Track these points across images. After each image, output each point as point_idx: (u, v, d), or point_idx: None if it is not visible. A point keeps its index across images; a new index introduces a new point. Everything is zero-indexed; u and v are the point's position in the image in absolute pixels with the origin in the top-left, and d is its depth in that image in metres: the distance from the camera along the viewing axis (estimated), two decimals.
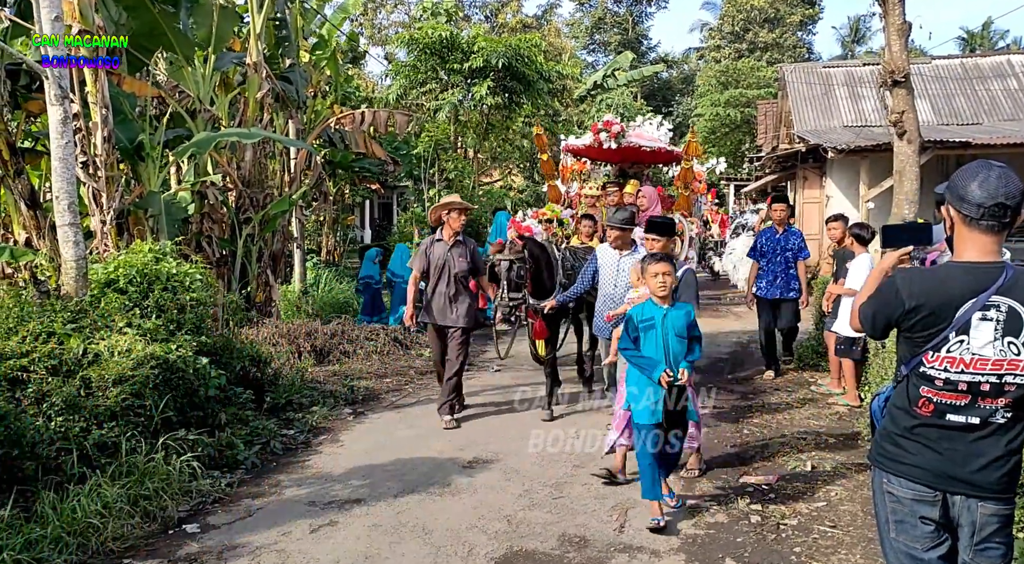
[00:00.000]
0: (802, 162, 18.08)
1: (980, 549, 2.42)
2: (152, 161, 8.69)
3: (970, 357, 2.36)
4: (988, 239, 2.38)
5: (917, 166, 9.01)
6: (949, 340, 2.37)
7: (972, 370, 2.37)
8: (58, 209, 5.97)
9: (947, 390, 2.40)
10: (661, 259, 4.65)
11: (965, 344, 2.36)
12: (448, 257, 6.70)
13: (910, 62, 9.03)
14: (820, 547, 4.36)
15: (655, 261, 4.61)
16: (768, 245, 8.49)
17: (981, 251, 2.39)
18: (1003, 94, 17.79)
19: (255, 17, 10.30)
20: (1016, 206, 2.34)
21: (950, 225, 2.48)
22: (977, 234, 2.39)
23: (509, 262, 6.33)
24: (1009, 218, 2.36)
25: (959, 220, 2.42)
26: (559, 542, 4.39)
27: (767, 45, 39.81)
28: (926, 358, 2.41)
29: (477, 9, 37.17)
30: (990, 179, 2.34)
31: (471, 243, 6.87)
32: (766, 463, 5.74)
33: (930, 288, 2.40)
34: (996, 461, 2.39)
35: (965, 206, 2.37)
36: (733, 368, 9.12)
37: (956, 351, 2.37)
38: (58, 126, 5.90)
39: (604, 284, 6.10)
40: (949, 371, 2.39)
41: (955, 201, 2.41)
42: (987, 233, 2.37)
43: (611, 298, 5.97)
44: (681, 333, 4.53)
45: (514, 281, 6.32)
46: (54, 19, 5.88)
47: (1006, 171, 2.37)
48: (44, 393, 4.86)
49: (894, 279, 2.50)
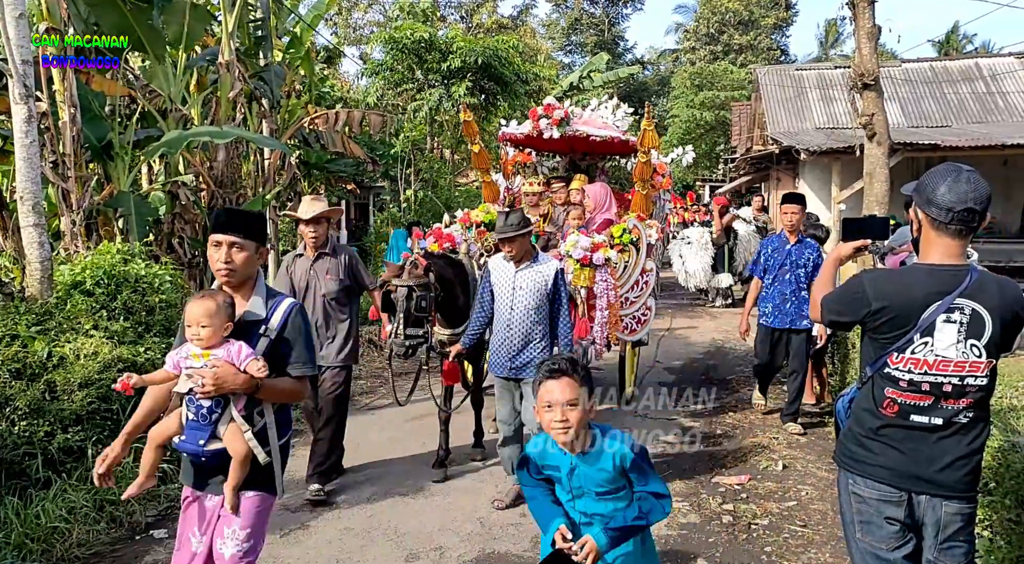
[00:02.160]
0: (775, 163, 18.28)
1: (945, 548, 2.45)
2: (122, 161, 8.56)
3: (933, 358, 2.39)
4: (955, 243, 2.40)
5: (887, 168, 9.13)
6: (914, 342, 2.40)
7: (935, 371, 2.40)
8: (22, 210, 5.86)
9: (911, 391, 2.43)
10: (561, 373, 2.55)
11: (929, 346, 2.39)
12: (311, 276, 5.19)
13: (880, 65, 9.14)
14: (791, 546, 4.40)
15: (550, 376, 2.56)
16: (774, 257, 6.61)
17: (947, 254, 2.42)
18: (971, 97, 18.07)
19: (227, 16, 10.19)
20: (983, 210, 2.37)
21: (917, 227, 2.50)
22: (944, 238, 2.41)
23: (408, 289, 4.87)
24: (976, 222, 2.38)
25: (927, 223, 2.44)
26: (532, 544, 4.39)
27: (741, 47, 40.15)
28: (891, 359, 2.44)
29: (453, 9, 37.10)
30: (959, 183, 2.36)
31: (345, 253, 5.32)
32: (739, 463, 5.78)
33: (896, 290, 2.42)
34: (959, 460, 2.42)
35: (933, 210, 2.39)
36: (707, 369, 9.17)
37: (920, 353, 2.40)
38: (22, 125, 5.79)
39: (499, 307, 4.82)
40: (913, 372, 2.41)
41: (923, 204, 2.43)
42: (954, 237, 2.40)
43: (508, 325, 4.74)
44: (604, 489, 2.60)
45: (413, 314, 4.87)
46: (18, 16, 5.77)
47: (974, 175, 2.39)
48: (7, 397, 4.75)
49: (861, 279, 2.52)
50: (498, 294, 4.82)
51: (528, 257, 4.76)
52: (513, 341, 4.71)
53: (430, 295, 4.96)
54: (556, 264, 4.79)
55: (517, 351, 4.70)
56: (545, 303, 4.72)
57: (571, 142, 7.68)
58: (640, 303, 6.57)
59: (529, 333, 4.70)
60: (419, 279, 4.91)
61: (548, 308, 4.74)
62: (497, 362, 4.80)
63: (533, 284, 4.69)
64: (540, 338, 4.72)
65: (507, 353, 4.73)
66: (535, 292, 4.69)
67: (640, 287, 6.54)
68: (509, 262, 4.77)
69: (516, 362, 4.71)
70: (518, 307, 4.70)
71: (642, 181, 6.63)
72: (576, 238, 5.92)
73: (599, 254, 5.90)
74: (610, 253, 5.99)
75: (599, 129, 7.06)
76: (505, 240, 4.70)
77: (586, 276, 5.90)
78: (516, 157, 8.18)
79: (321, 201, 5.34)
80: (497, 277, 4.85)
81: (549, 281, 4.70)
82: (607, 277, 5.99)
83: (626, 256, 6.39)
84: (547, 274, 4.71)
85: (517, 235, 4.67)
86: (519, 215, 4.72)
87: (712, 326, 12.04)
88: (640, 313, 6.60)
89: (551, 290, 4.71)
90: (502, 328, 4.76)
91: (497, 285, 4.83)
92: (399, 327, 4.86)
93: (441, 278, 5.18)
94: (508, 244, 4.71)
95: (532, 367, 4.31)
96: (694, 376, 8.72)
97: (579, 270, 5.85)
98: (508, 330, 4.72)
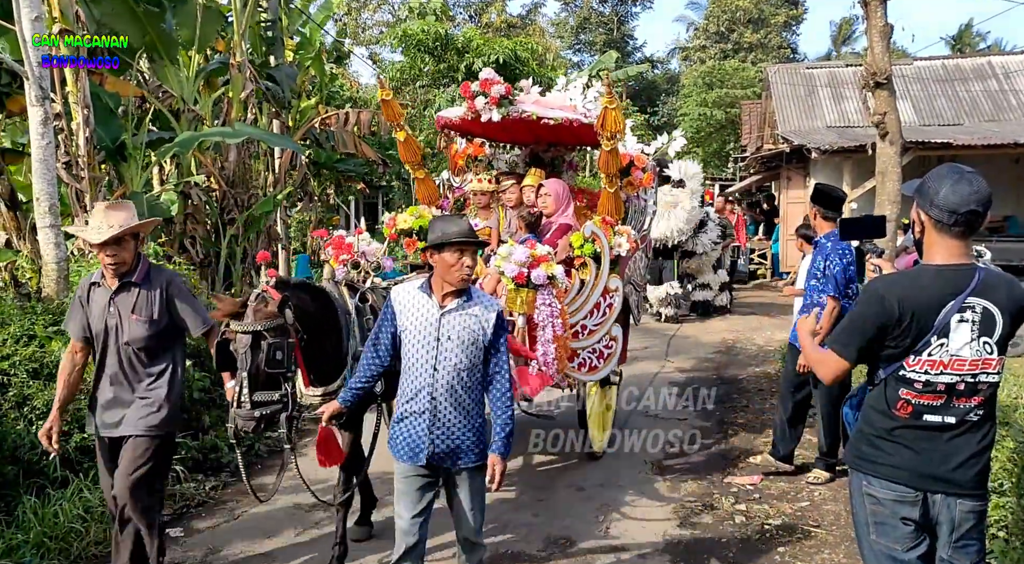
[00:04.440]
0: (786, 162, 18.21)
1: (959, 546, 2.47)
2: (135, 161, 8.62)
3: (949, 358, 2.42)
4: (959, 243, 2.43)
5: (899, 167, 9.09)
6: (931, 344, 2.42)
7: (950, 371, 2.42)
8: (39, 211, 5.92)
9: (927, 392, 2.44)
10: None
11: (945, 346, 2.41)
12: (110, 314, 3.69)
13: (892, 63, 9.11)
14: (804, 547, 4.40)
15: None
16: None
17: (952, 254, 2.44)
18: (983, 95, 17.96)
19: (239, 17, 10.24)
20: (986, 211, 2.40)
21: (920, 229, 2.52)
22: (948, 239, 2.43)
23: (253, 336, 3.35)
24: (979, 223, 2.41)
25: (930, 225, 2.46)
26: (545, 544, 4.41)
27: (752, 45, 40.01)
28: (907, 362, 2.45)
29: (461, 8, 37.11)
30: (962, 185, 2.38)
31: (162, 281, 3.78)
32: (751, 463, 5.77)
33: (913, 294, 2.43)
34: (971, 458, 2.45)
35: (936, 211, 2.41)
36: (718, 368, 9.16)
37: (937, 354, 2.42)
38: (38, 127, 5.85)
39: (414, 365, 3.19)
40: (929, 373, 2.43)
41: (926, 206, 2.45)
42: (958, 238, 2.43)
43: (431, 395, 3.15)
44: None
45: (264, 372, 3.36)
46: (35, 19, 5.83)
47: (975, 176, 2.41)
48: (25, 397, 4.81)
49: (877, 290, 2.50)
50: (411, 345, 3.19)
51: (460, 292, 3.21)
52: (437, 417, 3.14)
53: (288, 342, 3.43)
54: (498, 304, 3.28)
55: (441, 432, 3.14)
56: (482, 360, 3.21)
57: (532, 130, 6.11)
58: (602, 332, 5.40)
59: (460, 405, 3.17)
60: (270, 320, 3.38)
61: (484, 367, 3.23)
62: (405, 444, 3.20)
63: (468, 333, 3.15)
64: (476, 412, 3.23)
65: (423, 433, 3.15)
66: (470, 344, 3.15)
67: (602, 312, 5.38)
68: (427, 296, 3.20)
69: (439, 446, 3.14)
70: (445, 367, 3.14)
71: (608, 176, 5.35)
72: (509, 249, 4.62)
73: (539, 271, 4.57)
74: (554, 269, 4.65)
75: (556, 110, 5.49)
76: (453, 246, 3.11)
77: (523, 300, 4.61)
78: (466, 149, 6.61)
79: (122, 209, 3.68)
80: (410, 319, 3.21)
81: (488, 328, 3.17)
82: (551, 300, 4.71)
83: (585, 273, 5.29)
84: (486, 319, 3.18)
85: (470, 243, 3.16)
86: (460, 223, 3.21)
87: (723, 326, 12.02)
88: (603, 345, 5.44)
89: (489, 341, 3.19)
90: (417, 396, 3.18)
91: (410, 331, 3.20)
92: (243, 392, 3.31)
93: (304, 316, 3.66)
94: (466, 258, 3.14)
95: (466, 454, 3.19)
96: (705, 376, 8.71)
97: (514, 292, 4.59)
98: (429, 400, 3.14)
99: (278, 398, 3.43)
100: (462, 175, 6.58)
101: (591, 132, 5.41)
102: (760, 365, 9.06)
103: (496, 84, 5.45)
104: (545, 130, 5.90)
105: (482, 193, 5.84)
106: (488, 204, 5.90)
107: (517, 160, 6.84)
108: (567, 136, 6.29)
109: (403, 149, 5.89)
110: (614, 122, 5.08)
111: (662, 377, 8.52)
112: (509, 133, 6.46)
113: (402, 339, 3.25)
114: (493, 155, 6.84)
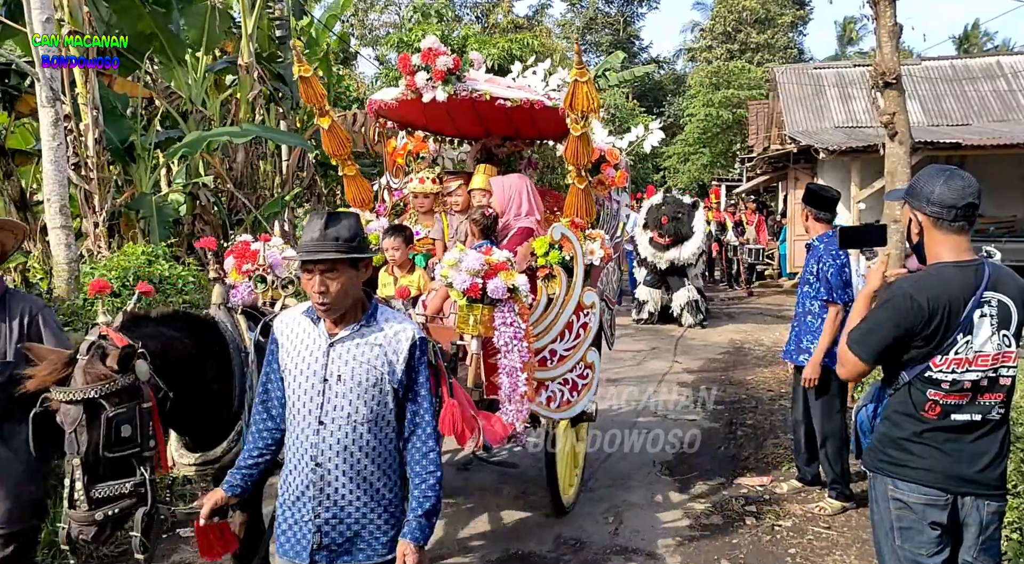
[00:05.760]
0: (793, 163, 18.15)
1: (984, 548, 2.48)
2: (143, 162, 8.66)
3: (973, 355, 2.42)
4: (961, 239, 2.46)
5: (908, 167, 9.04)
6: (957, 341, 2.41)
7: (975, 367, 2.42)
8: (50, 212, 5.94)
9: (954, 391, 2.44)
10: None
11: (970, 343, 2.42)
12: None
13: (900, 63, 9.07)
14: (815, 548, 4.38)
15: None
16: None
17: (958, 250, 2.46)
18: (992, 95, 17.88)
19: (246, 18, 10.28)
20: (979, 204, 2.44)
21: (918, 230, 2.53)
22: (950, 235, 2.45)
23: (85, 408, 2.39)
24: (976, 216, 2.45)
25: (929, 224, 2.47)
26: (555, 544, 4.40)
27: (758, 46, 39.95)
28: (933, 362, 2.44)
29: (468, 9, 37.17)
30: (954, 180, 2.42)
31: (25, 307, 3.10)
32: (760, 464, 5.76)
33: (940, 292, 2.42)
34: (996, 459, 2.46)
35: (935, 209, 2.43)
36: (726, 369, 9.14)
37: (963, 352, 2.42)
38: (49, 128, 5.88)
39: (295, 417, 2.38)
40: (956, 372, 2.43)
41: (923, 206, 2.47)
42: (959, 233, 2.45)
43: (314, 458, 2.32)
44: None
45: (105, 456, 2.41)
46: (45, 20, 5.85)
47: (963, 172, 2.46)
48: None
49: (905, 290, 2.47)
50: (292, 391, 2.37)
51: (353, 313, 2.35)
52: (324, 492, 2.31)
53: (142, 408, 2.49)
54: (412, 329, 2.39)
55: (332, 515, 2.30)
56: (391, 408, 2.34)
57: (484, 118, 5.25)
58: (575, 358, 4.34)
59: (358, 474, 2.32)
60: (109, 383, 2.40)
61: (396, 418, 2.36)
62: (284, 534, 2.38)
63: (366, 371, 2.30)
64: (385, 485, 2.37)
65: (307, 515, 2.32)
66: (369, 387, 2.30)
67: (575, 334, 4.33)
68: (314, 322, 2.37)
69: (329, 536, 2.31)
70: (335, 419, 2.30)
71: (578, 170, 4.30)
72: (458, 255, 3.65)
73: (497, 281, 3.61)
74: (516, 279, 3.68)
75: (509, 90, 4.60)
76: (308, 266, 2.26)
77: (477, 318, 3.65)
78: (406, 145, 5.60)
79: None
80: (291, 355, 2.39)
81: (398, 362, 2.33)
82: (514, 318, 3.71)
83: (552, 286, 4.25)
84: (394, 350, 2.33)
85: (332, 258, 2.24)
86: (346, 226, 2.30)
87: (731, 326, 12.00)
88: (576, 374, 4.37)
89: (402, 380, 2.33)
90: (299, 464, 2.34)
91: (290, 371, 2.38)
92: (76, 487, 2.37)
93: (172, 365, 2.73)
94: (315, 278, 2.25)
95: (369, 546, 2.34)
96: (713, 376, 8.69)
97: (466, 309, 3.66)
98: (313, 469, 2.30)
99: (130, 489, 2.43)
100: (401, 175, 5.56)
101: (555, 120, 4.51)
102: (768, 366, 9.03)
103: (442, 55, 4.44)
104: (499, 119, 5.13)
105: (423, 195, 4.98)
106: (431, 209, 5.03)
107: (466, 157, 5.81)
108: (526, 126, 5.33)
109: (328, 139, 4.78)
110: (585, 99, 3.97)
111: (670, 377, 8.51)
112: (456, 124, 5.56)
113: (283, 383, 2.40)
114: (438, 151, 5.85)
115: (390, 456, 2.38)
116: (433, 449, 2.37)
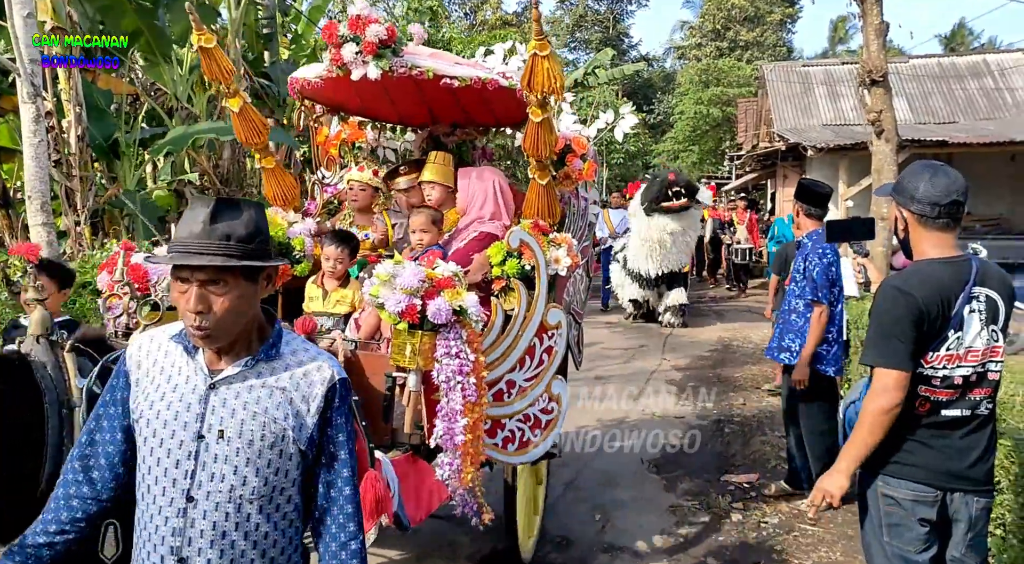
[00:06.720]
0: (782, 160, 18.23)
1: (972, 544, 2.48)
2: (128, 159, 8.59)
3: (963, 351, 2.42)
4: (945, 235, 2.45)
5: (895, 165, 9.07)
6: (948, 337, 2.41)
7: (965, 363, 2.43)
8: (31, 209, 5.88)
9: (945, 387, 2.44)
10: None
11: (960, 339, 2.42)
12: None
13: (887, 61, 9.10)
14: (801, 545, 4.39)
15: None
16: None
17: (943, 247, 2.46)
18: (979, 93, 17.98)
19: (232, 14, 10.21)
20: (965, 201, 2.44)
21: (903, 227, 2.53)
22: (935, 232, 2.45)
23: None
24: (961, 214, 2.44)
25: (915, 221, 2.47)
26: (542, 543, 4.38)
27: (747, 43, 40.05)
28: (925, 359, 2.43)
29: (456, 6, 37.09)
30: (939, 177, 2.41)
31: None
32: (747, 462, 5.76)
33: (931, 288, 2.41)
34: (984, 454, 2.46)
35: (919, 206, 2.43)
36: (714, 366, 9.15)
37: (954, 348, 2.42)
38: (31, 125, 5.81)
39: (148, 473, 1.63)
40: (947, 368, 2.42)
41: (907, 203, 2.47)
42: (944, 230, 2.45)
43: (163, 537, 1.60)
44: None
45: None
46: (26, 16, 5.78)
47: (949, 168, 2.45)
48: None
49: (896, 286, 2.46)
50: (150, 450, 1.64)
51: (246, 343, 1.69)
52: None
53: None
54: (329, 367, 1.74)
55: None
56: (293, 478, 1.68)
57: (428, 100, 4.50)
58: (538, 389, 3.56)
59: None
60: None
61: (300, 492, 1.72)
62: None
63: (261, 425, 1.63)
64: None
65: None
66: (264, 447, 1.63)
67: (537, 360, 3.55)
68: (187, 353, 1.69)
69: None
70: (211, 493, 1.60)
71: (540, 163, 3.57)
72: (392, 268, 2.87)
73: (439, 302, 2.84)
74: (463, 299, 2.91)
75: (456, 66, 3.77)
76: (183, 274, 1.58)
77: (415, 348, 2.88)
78: (340, 134, 4.72)
79: None
80: (153, 395, 1.67)
81: (308, 414, 1.68)
82: (461, 348, 2.91)
83: (510, 301, 3.49)
84: (303, 395, 1.69)
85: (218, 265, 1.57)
86: (251, 214, 1.64)
87: (719, 324, 12.02)
88: (539, 409, 3.58)
89: (312, 438, 1.69)
90: (150, 556, 1.62)
91: (148, 420, 1.65)
92: None
93: None
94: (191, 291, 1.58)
95: None
96: (701, 373, 8.70)
97: (402, 336, 2.89)
98: (171, 556, 1.60)
99: None
100: (335, 168, 4.79)
101: (513, 104, 3.74)
102: (757, 363, 9.04)
103: (373, 23, 3.52)
104: (447, 102, 4.40)
105: (361, 187, 4.20)
106: (370, 205, 4.27)
107: (411, 147, 5.05)
108: (478, 111, 4.57)
109: (239, 124, 3.85)
110: (547, 77, 3.19)
111: (658, 375, 8.51)
112: (398, 108, 4.66)
113: (124, 437, 1.71)
114: (377, 141, 5.00)
115: (289, 546, 1.68)
116: (355, 536, 1.69)
